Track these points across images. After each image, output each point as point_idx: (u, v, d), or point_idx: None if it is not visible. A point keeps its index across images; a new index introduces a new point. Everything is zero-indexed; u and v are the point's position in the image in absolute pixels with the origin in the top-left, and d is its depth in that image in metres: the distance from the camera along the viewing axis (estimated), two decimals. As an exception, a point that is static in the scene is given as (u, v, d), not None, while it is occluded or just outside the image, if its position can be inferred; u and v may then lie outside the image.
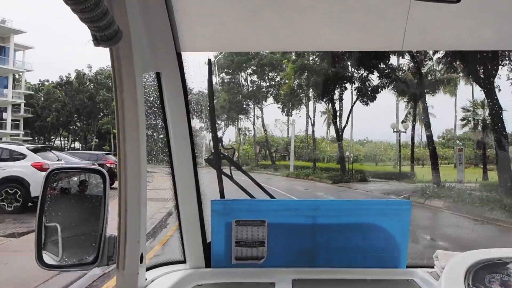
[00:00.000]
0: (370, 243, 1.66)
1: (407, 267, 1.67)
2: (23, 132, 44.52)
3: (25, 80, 46.80)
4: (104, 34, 0.96)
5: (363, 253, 1.66)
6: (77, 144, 46.53)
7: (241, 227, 1.64)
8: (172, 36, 1.43)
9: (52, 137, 47.75)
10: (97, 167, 1.37)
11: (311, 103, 30.03)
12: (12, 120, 43.44)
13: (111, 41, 1.00)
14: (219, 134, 36.39)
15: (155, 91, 1.54)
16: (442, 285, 1.24)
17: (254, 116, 34.67)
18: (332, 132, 29.06)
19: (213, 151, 1.72)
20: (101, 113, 41.92)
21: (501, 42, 1.61)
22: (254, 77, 32.70)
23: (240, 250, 1.65)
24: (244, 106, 34.20)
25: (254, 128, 35.48)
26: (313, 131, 30.35)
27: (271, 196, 1.83)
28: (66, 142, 47.68)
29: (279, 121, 40.26)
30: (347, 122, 24.91)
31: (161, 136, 1.62)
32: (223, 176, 1.74)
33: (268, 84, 32.99)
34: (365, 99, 22.65)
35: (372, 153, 29.47)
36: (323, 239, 1.67)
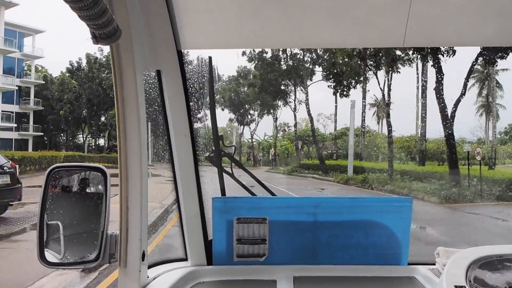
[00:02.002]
0: (371, 240, 1.66)
1: (409, 264, 1.67)
2: (29, 128, 39.35)
3: (41, 68, 41.27)
4: (103, 32, 0.95)
5: (365, 250, 1.66)
6: (102, 141, 42.07)
7: (243, 224, 1.64)
8: (172, 33, 1.43)
9: (78, 133, 42.17)
10: (98, 165, 1.37)
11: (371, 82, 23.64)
12: (20, 113, 38.70)
13: (110, 39, 0.99)
14: (252, 125, 33.91)
15: (156, 88, 1.54)
16: (444, 282, 1.24)
17: (295, 100, 27.07)
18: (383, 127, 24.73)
19: (214, 148, 1.72)
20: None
21: (503, 38, 1.60)
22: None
23: (242, 247, 1.65)
24: (282, 87, 26.78)
25: (295, 116, 27.79)
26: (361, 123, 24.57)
27: (272, 194, 1.84)
28: (90, 139, 42.34)
29: (321, 116, 36.72)
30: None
31: (162, 133, 1.61)
32: (224, 173, 1.74)
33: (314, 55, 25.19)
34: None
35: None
36: (325, 237, 1.67)
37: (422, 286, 1.54)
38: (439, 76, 16.07)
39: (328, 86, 25.37)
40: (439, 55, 15.99)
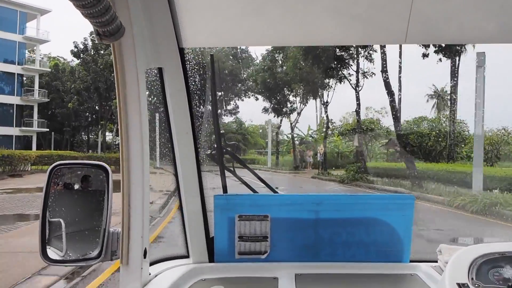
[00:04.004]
0: (373, 237, 1.66)
1: (411, 261, 1.67)
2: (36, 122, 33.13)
3: (49, 56, 34.98)
4: (107, 30, 0.95)
5: (366, 248, 1.67)
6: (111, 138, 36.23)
7: (244, 222, 1.65)
8: (174, 31, 1.43)
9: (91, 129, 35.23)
10: (100, 162, 1.38)
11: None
12: (22, 105, 32.63)
13: (113, 36, 0.99)
14: (293, 115, 26.69)
15: (158, 86, 1.53)
16: (446, 279, 1.24)
17: (357, 72, 19.69)
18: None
19: (216, 146, 1.72)
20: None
21: (506, 36, 1.59)
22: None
23: (243, 244, 1.65)
24: (339, 52, 19.34)
25: (357, 96, 19.72)
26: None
27: (274, 191, 1.84)
28: (101, 135, 35.98)
29: (370, 110, 29.52)
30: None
31: (164, 131, 1.61)
32: (225, 171, 1.74)
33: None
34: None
35: None
36: (326, 234, 1.67)
37: (424, 283, 1.54)
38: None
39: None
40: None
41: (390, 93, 17.49)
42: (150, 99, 1.42)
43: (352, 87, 20.62)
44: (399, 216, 1.65)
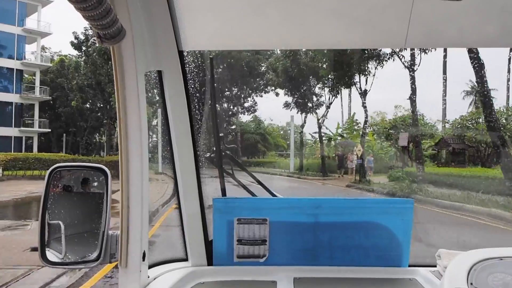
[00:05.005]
0: (372, 241, 1.66)
1: (409, 266, 1.67)
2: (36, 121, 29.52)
3: (59, 54, 31.44)
4: (108, 33, 0.96)
5: (365, 252, 1.66)
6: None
7: (243, 225, 1.64)
8: (174, 34, 1.43)
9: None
10: (99, 165, 1.38)
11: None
12: (21, 104, 29.09)
13: (114, 39, 1.00)
14: (320, 110, 22.24)
15: (157, 89, 1.54)
16: (445, 284, 1.24)
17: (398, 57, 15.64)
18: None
19: (215, 149, 1.72)
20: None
21: (506, 39, 1.59)
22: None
23: (242, 248, 1.65)
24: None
25: (412, 78, 15.58)
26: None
27: (273, 195, 1.84)
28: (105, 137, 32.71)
29: (399, 108, 24.46)
30: None
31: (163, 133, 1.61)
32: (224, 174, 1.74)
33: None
34: None
35: None
36: (325, 238, 1.67)
37: None
38: None
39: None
40: None
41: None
42: (150, 100, 1.42)
43: (405, 63, 15.55)
44: (398, 220, 1.65)
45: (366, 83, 18.71)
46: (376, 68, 17.59)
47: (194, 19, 1.47)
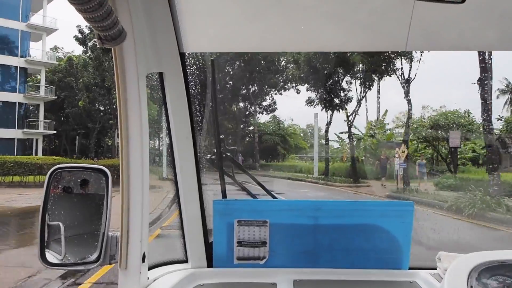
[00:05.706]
0: (372, 244, 1.65)
1: (410, 268, 1.66)
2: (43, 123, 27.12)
3: (73, 55, 28.83)
4: (109, 34, 0.96)
5: (365, 254, 1.66)
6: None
7: (243, 227, 1.64)
8: (175, 36, 1.43)
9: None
10: (99, 166, 1.38)
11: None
12: (24, 104, 26.97)
13: (115, 41, 1.00)
14: (350, 106, 19.20)
15: (158, 91, 1.54)
16: (445, 287, 1.24)
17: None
18: None
19: (215, 151, 1.73)
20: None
21: (506, 43, 1.59)
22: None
23: (242, 250, 1.65)
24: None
25: None
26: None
27: (273, 197, 1.83)
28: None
29: (427, 109, 21.16)
30: None
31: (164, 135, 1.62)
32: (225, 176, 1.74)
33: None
34: None
35: None
36: (325, 240, 1.66)
37: None
38: None
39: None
40: None
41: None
42: (153, 102, 1.42)
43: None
44: (398, 223, 1.65)
45: (410, 70, 14.92)
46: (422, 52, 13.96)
47: (195, 21, 1.47)
